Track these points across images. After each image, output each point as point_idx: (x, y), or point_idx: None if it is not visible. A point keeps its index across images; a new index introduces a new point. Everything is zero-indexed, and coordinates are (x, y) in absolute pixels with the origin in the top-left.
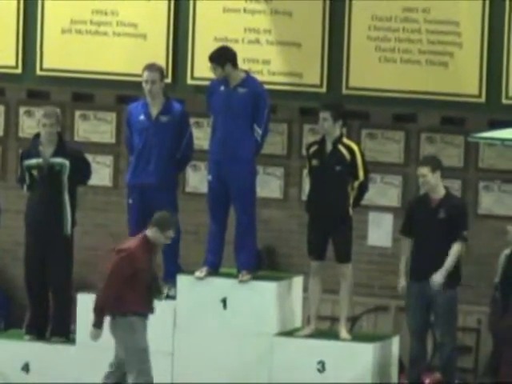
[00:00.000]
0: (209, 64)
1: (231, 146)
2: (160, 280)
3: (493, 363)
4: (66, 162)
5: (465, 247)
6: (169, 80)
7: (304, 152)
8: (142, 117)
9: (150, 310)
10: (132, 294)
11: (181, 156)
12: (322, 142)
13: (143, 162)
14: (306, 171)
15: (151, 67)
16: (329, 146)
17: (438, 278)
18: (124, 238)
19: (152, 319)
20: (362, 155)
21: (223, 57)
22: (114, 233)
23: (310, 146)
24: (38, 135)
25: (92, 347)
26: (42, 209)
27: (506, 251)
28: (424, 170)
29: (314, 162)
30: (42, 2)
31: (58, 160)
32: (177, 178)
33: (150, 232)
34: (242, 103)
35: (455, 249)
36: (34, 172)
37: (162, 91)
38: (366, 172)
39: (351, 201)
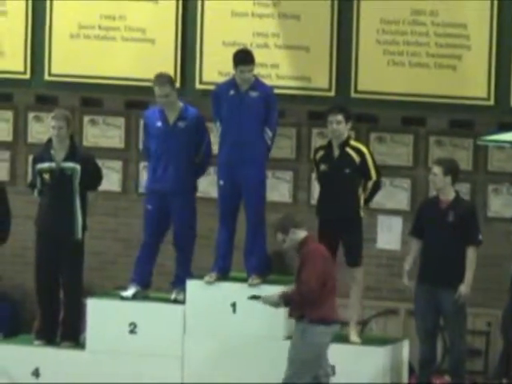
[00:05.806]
0: (218, 68)
1: (245, 149)
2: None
3: (503, 365)
4: (77, 167)
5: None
6: (177, 84)
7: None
8: (159, 123)
9: None
10: None
11: (200, 161)
12: (328, 147)
13: (161, 167)
14: (314, 176)
15: (160, 81)
16: (336, 150)
17: (463, 290)
18: (133, 242)
19: (161, 323)
20: (372, 155)
21: (254, 58)
22: (123, 238)
23: (316, 151)
24: (50, 140)
25: (102, 352)
26: (53, 213)
27: None
28: (437, 170)
29: (323, 167)
30: (51, 7)
31: (70, 164)
32: (195, 183)
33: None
34: (255, 106)
35: (471, 256)
36: (46, 176)
37: (176, 98)
38: (378, 171)
39: (362, 202)
